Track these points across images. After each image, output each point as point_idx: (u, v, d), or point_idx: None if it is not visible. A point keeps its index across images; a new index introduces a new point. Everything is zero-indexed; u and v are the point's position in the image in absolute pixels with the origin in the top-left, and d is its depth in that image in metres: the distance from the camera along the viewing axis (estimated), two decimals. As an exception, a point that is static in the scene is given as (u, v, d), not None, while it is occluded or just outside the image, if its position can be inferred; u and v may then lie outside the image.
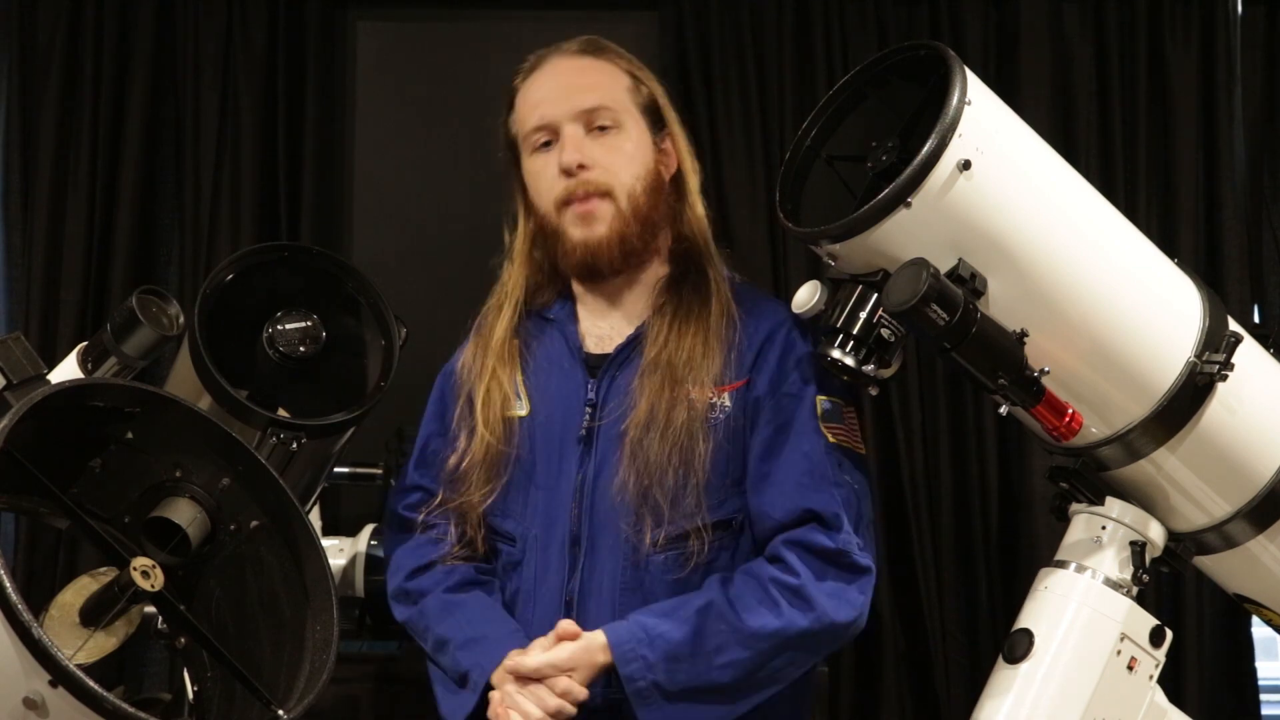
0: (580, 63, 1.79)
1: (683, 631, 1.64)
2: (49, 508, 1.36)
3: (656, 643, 1.63)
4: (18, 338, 1.41)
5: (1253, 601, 1.77)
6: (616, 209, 1.75)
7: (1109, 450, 1.60)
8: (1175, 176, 2.81)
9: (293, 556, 1.46)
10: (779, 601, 1.64)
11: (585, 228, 1.75)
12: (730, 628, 1.63)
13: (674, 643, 1.63)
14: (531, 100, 1.79)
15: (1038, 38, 2.81)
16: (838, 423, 1.73)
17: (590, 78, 1.79)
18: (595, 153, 1.75)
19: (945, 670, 2.76)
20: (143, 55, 2.86)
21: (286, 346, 1.71)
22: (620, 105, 1.78)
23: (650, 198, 1.77)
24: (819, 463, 1.70)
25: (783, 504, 1.69)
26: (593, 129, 1.76)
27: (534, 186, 1.80)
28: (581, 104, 1.75)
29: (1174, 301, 1.60)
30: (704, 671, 1.63)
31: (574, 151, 1.74)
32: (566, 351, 1.82)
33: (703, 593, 1.68)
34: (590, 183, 1.74)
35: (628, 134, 1.77)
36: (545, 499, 1.77)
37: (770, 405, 1.73)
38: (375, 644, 2.46)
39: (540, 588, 1.75)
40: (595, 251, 1.76)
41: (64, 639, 1.32)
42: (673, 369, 1.72)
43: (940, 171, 1.43)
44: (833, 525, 1.67)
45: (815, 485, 1.69)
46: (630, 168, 1.76)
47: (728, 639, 1.63)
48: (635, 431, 1.70)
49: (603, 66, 1.80)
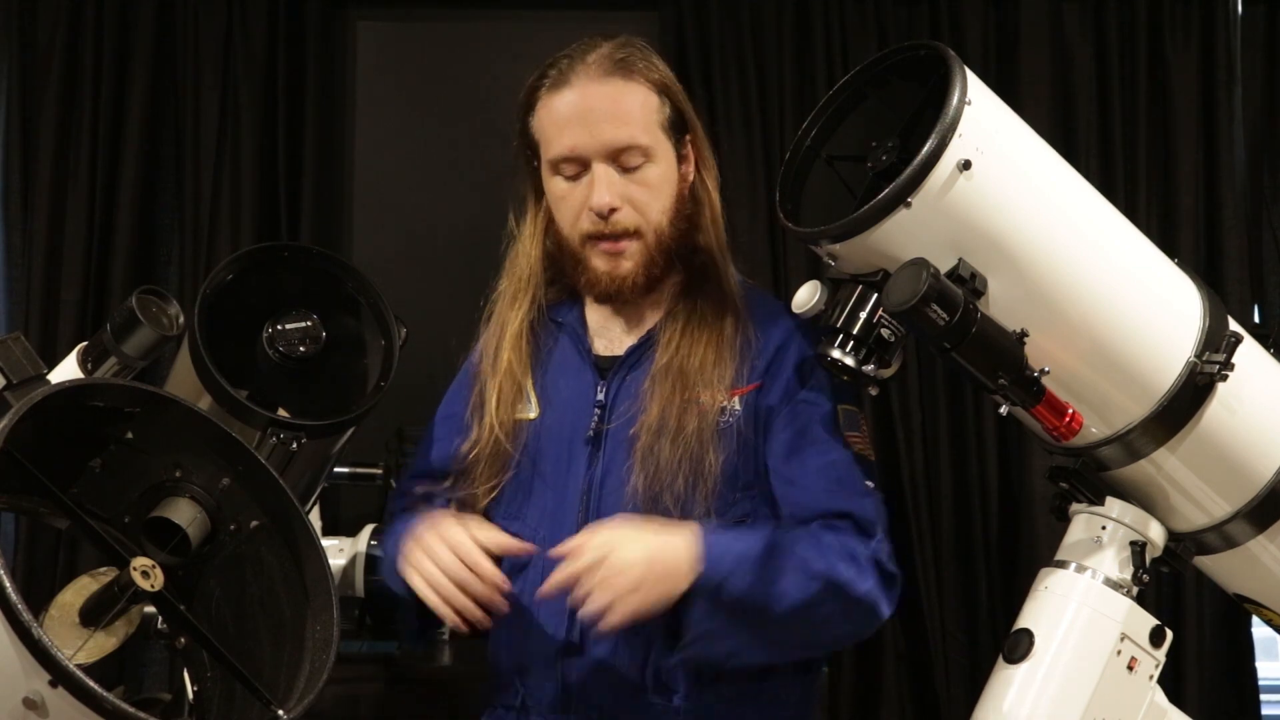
0: (610, 88, 1.74)
1: (761, 543, 1.62)
2: (49, 508, 1.36)
3: (734, 544, 1.61)
4: (18, 338, 1.40)
5: (1253, 601, 1.77)
6: (644, 246, 1.75)
7: (1109, 450, 1.60)
8: (1175, 176, 2.81)
9: (293, 556, 1.46)
10: (843, 559, 1.63)
11: (612, 263, 1.75)
12: (798, 559, 1.62)
13: (750, 545, 1.61)
14: (558, 120, 1.75)
15: (1038, 38, 2.82)
16: (856, 431, 1.74)
17: (622, 106, 1.74)
18: (626, 191, 1.73)
19: (945, 670, 2.76)
20: (143, 55, 2.86)
21: (286, 346, 1.70)
22: (650, 136, 1.75)
23: (674, 226, 1.77)
24: (847, 471, 1.70)
25: (813, 506, 1.69)
26: (622, 166, 1.73)
27: (557, 207, 1.78)
28: (613, 141, 1.72)
29: (1174, 301, 1.60)
30: (762, 588, 1.61)
31: (607, 193, 1.71)
32: (575, 353, 1.82)
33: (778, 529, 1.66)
34: (618, 225, 1.73)
35: (656, 165, 1.75)
36: (553, 501, 1.76)
37: (786, 410, 1.73)
38: (375, 644, 2.46)
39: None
40: (620, 285, 1.76)
41: (64, 639, 1.32)
42: (685, 376, 1.72)
43: (940, 171, 1.43)
44: (869, 531, 1.68)
45: (846, 492, 1.69)
46: (658, 202, 1.75)
47: (791, 566, 1.61)
48: (646, 437, 1.70)
49: (632, 90, 1.75)
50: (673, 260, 1.78)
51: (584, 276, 1.77)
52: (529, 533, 1.76)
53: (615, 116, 1.73)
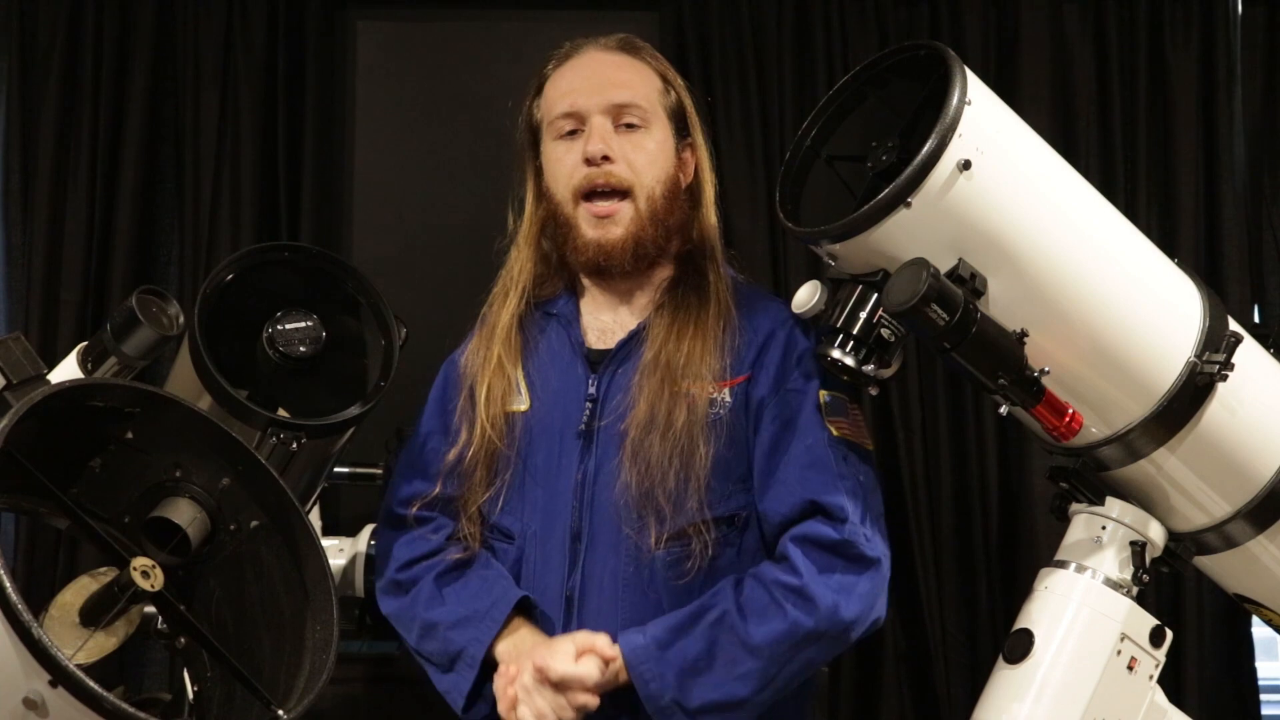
0: (615, 58, 1.81)
1: (698, 647, 1.63)
2: (49, 508, 1.36)
3: (673, 660, 1.63)
4: (18, 338, 1.40)
5: (1253, 601, 1.77)
6: (635, 211, 1.76)
7: (1109, 450, 1.60)
8: (1175, 176, 2.80)
9: (293, 556, 1.46)
10: (783, 605, 1.63)
11: (601, 229, 1.76)
12: (740, 640, 1.62)
13: (689, 658, 1.62)
14: (562, 87, 1.80)
15: (1038, 38, 2.81)
16: (841, 417, 1.73)
17: (624, 74, 1.80)
18: (621, 148, 1.75)
19: (945, 670, 2.76)
20: (143, 55, 2.86)
21: (286, 347, 1.70)
22: (650, 105, 1.79)
23: (667, 202, 1.78)
24: (821, 455, 1.69)
25: (787, 498, 1.69)
26: (620, 125, 1.77)
27: (553, 173, 1.80)
28: (613, 98, 1.76)
29: (1174, 301, 1.60)
30: (722, 684, 1.62)
31: (600, 142, 1.74)
32: (568, 346, 1.82)
33: (716, 601, 1.66)
34: (612, 175, 1.75)
35: (653, 135, 1.78)
36: (545, 494, 1.76)
37: (775, 403, 1.73)
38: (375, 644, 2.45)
39: (540, 584, 1.75)
40: (608, 253, 1.76)
41: (64, 639, 1.32)
42: (671, 370, 1.72)
43: (940, 171, 1.43)
44: (837, 516, 1.66)
45: (818, 477, 1.68)
46: (652, 169, 1.77)
47: (739, 652, 1.62)
48: (636, 432, 1.70)
49: (637, 65, 1.81)
50: (663, 245, 1.79)
51: (573, 244, 1.78)
52: (521, 527, 1.77)
53: (621, 79, 1.78)
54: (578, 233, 1.77)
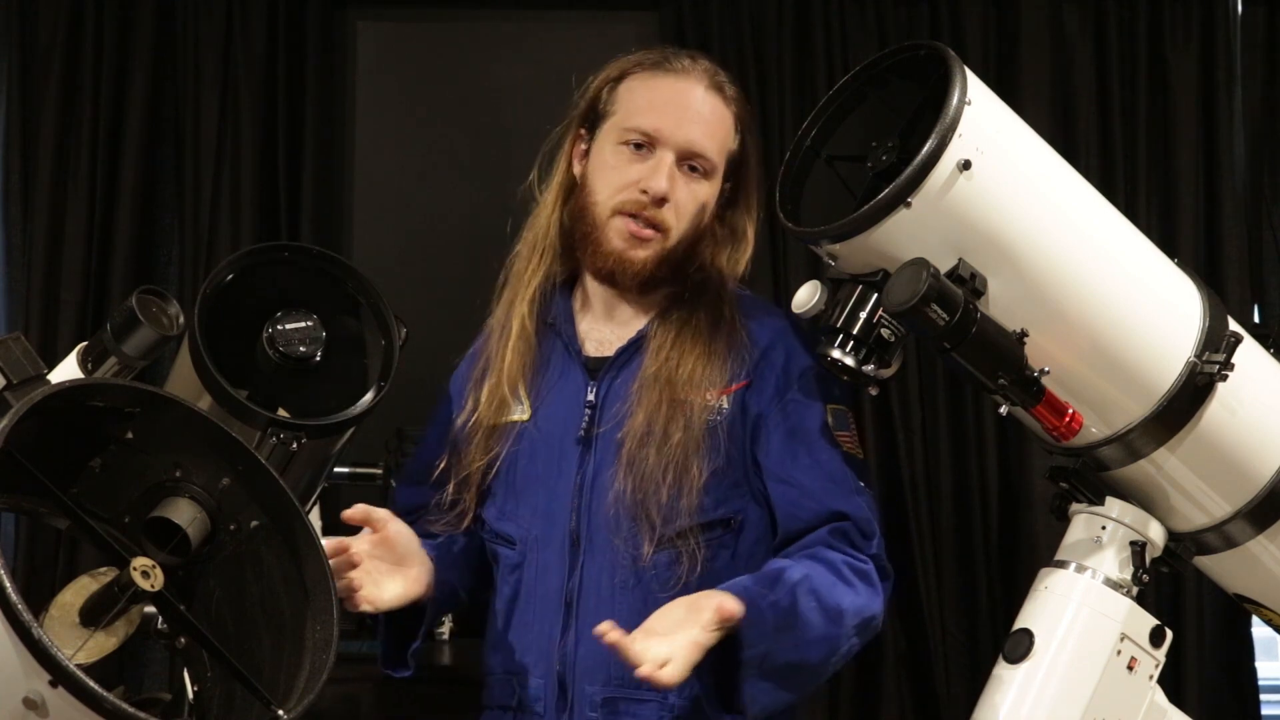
0: (708, 100, 1.79)
1: (786, 602, 1.62)
2: (49, 508, 1.36)
3: (767, 612, 1.60)
4: (18, 338, 1.40)
5: (1253, 601, 1.77)
6: (663, 247, 1.77)
7: (1109, 450, 1.60)
8: (1175, 176, 2.81)
9: (293, 556, 1.45)
10: (854, 583, 1.66)
11: (629, 245, 1.77)
12: (820, 605, 1.62)
13: (781, 611, 1.61)
14: (654, 98, 1.79)
15: (1038, 38, 2.82)
16: (845, 430, 1.76)
17: (713, 120, 1.80)
18: (679, 194, 1.77)
19: (945, 670, 2.76)
20: (143, 55, 2.86)
21: (286, 347, 1.70)
22: (718, 159, 1.80)
23: (689, 247, 1.80)
24: (838, 472, 1.73)
25: (810, 506, 1.72)
26: (684, 166, 1.77)
27: (603, 173, 1.80)
28: (693, 143, 1.77)
29: (1174, 301, 1.60)
30: (799, 648, 1.62)
31: (666, 184, 1.75)
32: (565, 354, 1.83)
33: (788, 566, 1.66)
34: (658, 215, 1.76)
35: (708, 186, 1.80)
36: (545, 499, 1.78)
37: (777, 411, 1.75)
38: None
39: (540, 588, 1.76)
40: (624, 268, 1.78)
41: (64, 639, 1.32)
42: (672, 385, 1.74)
43: (940, 171, 1.43)
44: (866, 531, 1.71)
45: (841, 491, 1.72)
46: (693, 219, 1.79)
47: (818, 617, 1.62)
48: (632, 443, 1.72)
49: (723, 115, 1.81)
50: (676, 273, 1.80)
51: (594, 245, 1.79)
52: (523, 532, 1.79)
53: (705, 125, 1.79)
54: (604, 237, 1.78)
